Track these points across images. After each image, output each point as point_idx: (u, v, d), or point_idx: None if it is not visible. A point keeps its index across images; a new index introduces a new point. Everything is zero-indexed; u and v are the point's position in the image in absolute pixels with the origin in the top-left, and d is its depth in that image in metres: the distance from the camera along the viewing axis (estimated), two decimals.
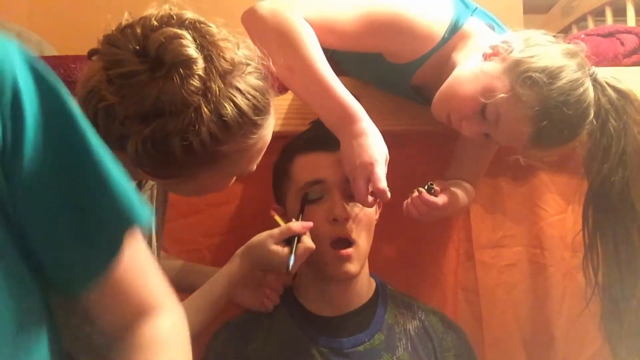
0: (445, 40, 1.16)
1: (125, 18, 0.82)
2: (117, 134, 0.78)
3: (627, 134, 1.11)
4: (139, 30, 0.79)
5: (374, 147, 1.04)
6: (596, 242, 1.19)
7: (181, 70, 0.77)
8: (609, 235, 1.17)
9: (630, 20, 1.89)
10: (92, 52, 0.82)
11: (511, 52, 1.07)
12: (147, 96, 0.76)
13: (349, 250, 1.11)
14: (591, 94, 1.07)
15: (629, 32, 1.48)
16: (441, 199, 1.17)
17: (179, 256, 1.24)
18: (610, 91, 1.11)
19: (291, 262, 1.03)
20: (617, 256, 1.17)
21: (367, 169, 1.03)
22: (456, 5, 1.19)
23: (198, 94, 0.78)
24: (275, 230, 1.07)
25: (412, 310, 1.21)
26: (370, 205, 1.08)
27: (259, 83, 0.84)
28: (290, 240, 1.06)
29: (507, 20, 1.22)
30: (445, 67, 1.16)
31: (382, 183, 1.02)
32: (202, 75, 0.78)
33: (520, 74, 1.04)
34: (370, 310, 1.18)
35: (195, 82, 0.77)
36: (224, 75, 0.80)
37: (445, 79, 1.14)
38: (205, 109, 0.78)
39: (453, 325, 1.24)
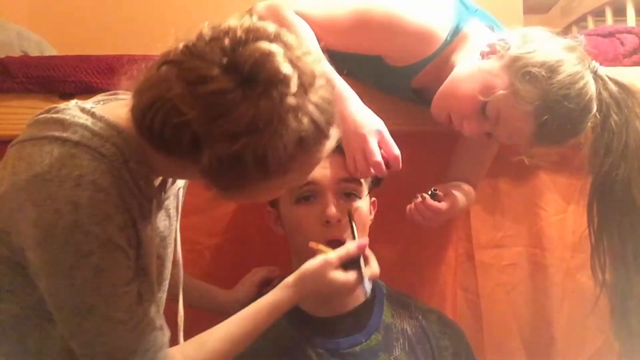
0: (447, 43, 1.16)
1: (207, 26, 0.78)
2: (188, 146, 0.76)
3: (628, 128, 1.11)
4: (227, 43, 0.75)
5: (365, 121, 1.06)
6: (602, 240, 1.18)
7: (279, 88, 0.75)
8: (615, 232, 1.16)
9: (630, 20, 1.89)
10: (168, 61, 0.77)
11: (509, 49, 1.07)
12: (242, 115, 0.73)
13: None
14: (592, 87, 1.06)
15: (629, 32, 1.48)
16: (444, 205, 1.17)
17: None
18: (611, 85, 1.10)
19: (368, 287, 1.02)
20: (624, 253, 1.16)
21: (360, 141, 1.05)
22: (457, 7, 1.18)
23: (291, 112, 0.76)
24: (331, 256, 1.02)
25: (409, 310, 1.21)
26: (365, 175, 1.09)
27: (329, 96, 0.82)
28: (348, 263, 1.03)
29: (507, 20, 1.22)
30: (446, 69, 1.16)
31: (377, 156, 1.03)
32: (295, 92, 0.76)
33: (519, 70, 1.04)
34: (367, 310, 1.17)
35: (291, 100, 0.76)
36: (307, 90, 0.78)
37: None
38: (292, 125, 0.76)
39: (450, 324, 1.24)
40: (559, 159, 1.21)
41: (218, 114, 0.74)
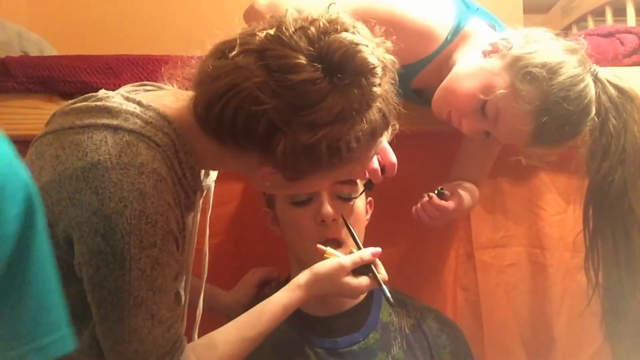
0: (447, 42, 1.17)
1: (289, 15, 0.77)
2: (262, 135, 0.75)
3: (627, 133, 1.11)
4: (313, 33, 0.75)
5: None
6: (596, 242, 1.19)
7: (369, 79, 0.75)
8: (609, 235, 1.17)
9: (630, 20, 1.89)
10: (246, 50, 0.76)
11: (511, 48, 1.07)
12: (331, 105, 0.74)
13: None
14: (592, 90, 1.07)
15: (629, 32, 1.48)
16: (452, 203, 1.17)
17: None
18: (610, 89, 1.11)
19: (388, 293, 1.02)
20: (617, 256, 1.17)
21: None
22: (458, 6, 1.19)
23: (375, 102, 0.77)
24: (346, 262, 1.01)
25: (407, 309, 1.21)
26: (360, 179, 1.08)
27: (392, 87, 0.82)
28: (360, 269, 1.03)
29: (507, 20, 1.22)
30: (446, 68, 1.16)
31: (374, 163, 1.02)
32: (380, 82, 0.77)
33: (520, 70, 1.05)
34: (365, 309, 1.17)
35: (377, 90, 0.76)
36: (382, 81, 0.78)
37: None
38: (370, 115, 0.77)
39: (448, 323, 1.24)
40: (558, 160, 1.21)
41: (303, 104, 0.73)
